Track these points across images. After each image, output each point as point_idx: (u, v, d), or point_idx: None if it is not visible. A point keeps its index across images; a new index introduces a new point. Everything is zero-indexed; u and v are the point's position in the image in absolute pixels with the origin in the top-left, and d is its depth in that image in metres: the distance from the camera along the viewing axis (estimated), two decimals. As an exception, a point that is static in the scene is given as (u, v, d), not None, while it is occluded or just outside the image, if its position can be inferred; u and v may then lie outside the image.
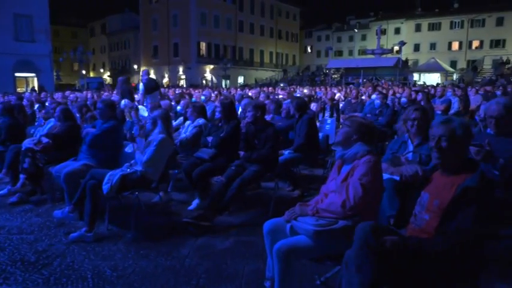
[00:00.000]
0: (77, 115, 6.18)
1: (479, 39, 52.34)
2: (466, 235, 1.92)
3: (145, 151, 4.01)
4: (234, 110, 5.01)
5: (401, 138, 3.68)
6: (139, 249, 3.59)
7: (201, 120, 5.47)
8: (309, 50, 68.19)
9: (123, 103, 8.38)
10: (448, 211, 2.01)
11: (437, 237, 2.01)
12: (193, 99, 11.25)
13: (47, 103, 9.77)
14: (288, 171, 5.32)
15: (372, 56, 41.50)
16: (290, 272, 2.39)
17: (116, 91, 12.00)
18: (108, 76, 59.72)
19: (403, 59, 40.85)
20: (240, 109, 7.60)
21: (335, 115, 9.22)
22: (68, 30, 65.83)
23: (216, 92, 13.66)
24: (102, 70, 63.95)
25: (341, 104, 10.64)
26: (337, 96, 12.95)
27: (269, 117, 6.28)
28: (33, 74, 31.88)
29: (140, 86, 10.31)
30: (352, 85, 29.77)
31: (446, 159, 2.13)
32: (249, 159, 4.39)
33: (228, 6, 51.78)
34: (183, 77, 49.26)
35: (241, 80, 52.73)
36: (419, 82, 36.82)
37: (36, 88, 28.51)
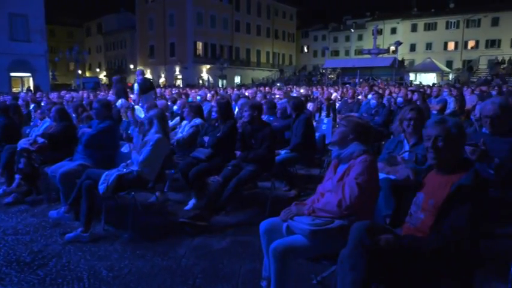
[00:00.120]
0: (73, 115, 6.16)
1: (474, 39, 52.58)
2: (461, 233, 1.93)
3: (141, 151, 4.00)
4: (231, 110, 5.02)
5: (397, 137, 3.69)
6: (135, 249, 3.58)
7: (198, 120, 5.47)
8: (306, 50, 68.27)
9: (119, 103, 8.36)
10: (443, 210, 2.02)
11: (431, 235, 2.02)
12: (189, 99, 11.23)
13: (43, 103, 9.73)
14: (285, 171, 5.32)
15: (368, 56, 41.63)
16: (286, 272, 2.40)
17: (112, 91, 11.98)
18: (104, 76, 59.57)
19: (399, 59, 40.99)
20: (237, 109, 7.60)
21: (331, 115, 9.26)
22: (64, 29, 65.57)
23: (213, 92, 13.64)
24: (98, 70, 63.74)
25: (337, 104, 10.67)
26: (333, 96, 12.99)
27: (265, 118, 6.27)
28: (28, 74, 31.75)
29: (135, 87, 10.28)
30: (348, 85, 29.81)
31: (442, 159, 2.14)
32: (246, 159, 4.39)
33: (225, 6, 51.76)
34: (180, 77, 49.20)
35: (237, 80, 52.73)
36: (415, 82, 36.93)
37: (31, 88, 28.39)
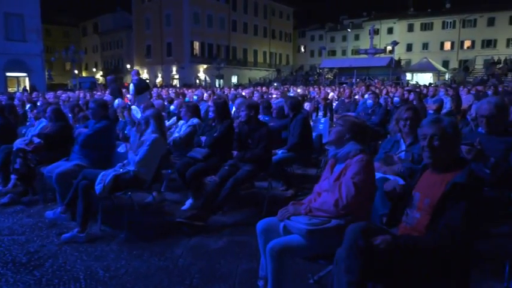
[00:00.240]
0: (69, 115, 6.14)
1: (471, 39, 52.81)
2: (456, 232, 1.93)
3: (138, 151, 3.99)
4: (228, 110, 5.01)
5: (393, 137, 3.71)
6: (132, 249, 3.57)
7: (195, 120, 5.46)
8: (303, 50, 68.31)
9: (116, 103, 8.34)
10: (438, 208, 2.03)
11: (427, 235, 2.03)
12: (186, 99, 11.22)
13: (39, 103, 9.69)
14: (282, 170, 5.32)
15: (365, 56, 41.73)
16: (283, 271, 2.40)
17: (108, 91, 11.96)
18: (100, 76, 59.33)
19: (396, 59, 41.11)
20: (234, 108, 7.60)
21: (328, 114, 9.26)
22: (60, 29, 65.30)
23: (210, 92, 13.63)
24: (94, 70, 63.53)
25: (334, 104, 10.67)
26: (330, 95, 13.00)
27: (260, 117, 6.27)
28: (24, 74, 31.58)
29: (130, 87, 10.25)
30: (345, 85, 29.89)
31: (438, 158, 2.15)
32: (243, 158, 4.39)
33: (222, 5, 51.71)
34: (177, 77, 49.11)
35: (234, 80, 52.69)
36: (412, 82, 37.04)
37: (27, 88, 28.26)
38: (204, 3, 49.12)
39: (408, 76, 41.06)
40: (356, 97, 11.52)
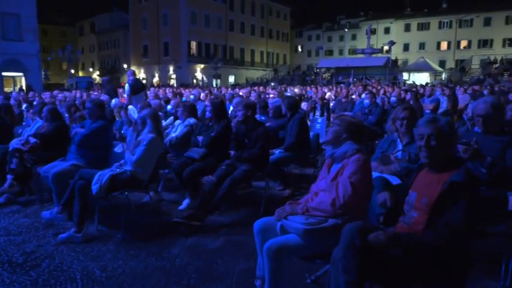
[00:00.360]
0: (66, 115, 6.12)
1: (467, 39, 53.02)
2: (457, 231, 1.94)
3: (135, 151, 3.98)
4: (225, 110, 5.01)
5: (390, 137, 3.71)
6: (129, 249, 3.56)
7: (192, 119, 5.45)
8: (300, 50, 68.36)
9: (113, 102, 8.32)
10: (436, 208, 2.04)
11: (427, 233, 2.03)
12: (183, 98, 11.20)
13: (35, 103, 9.64)
14: (279, 170, 5.33)
15: (362, 56, 41.81)
16: (280, 271, 2.40)
17: (102, 90, 11.95)
18: (97, 76, 59.16)
19: (393, 59, 41.19)
20: (231, 108, 7.60)
21: (325, 114, 9.28)
22: (56, 29, 65.06)
23: (207, 92, 13.62)
24: (91, 69, 63.33)
25: (331, 103, 10.69)
26: (327, 95, 13.02)
27: (257, 117, 6.27)
28: (20, 74, 31.43)
29: (126, 87, 10.23)
30: (342, 84, 29.92)
31: (435, 157, 2.15)
32: (240, 158, 4.39)
33: (219, 5, 51.67)
34: (174, 77, 49.03)
35: (232, 80, 52.68)
36: (408, 81, 37.12)
37: (24, 88, 28.13)
38: (201, 3, 49.06)
39: (405, 76, 41.13)
40: (353, 97, 11.55)
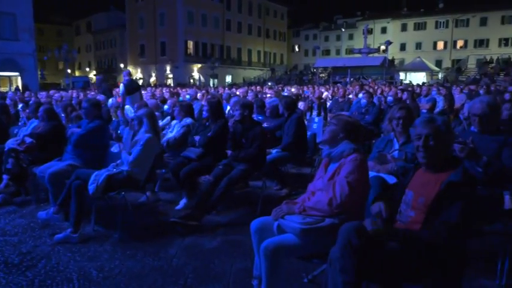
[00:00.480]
0: (62, 115, 6.09)
1: (463, 38, 53.20)
2: (453, 229, 1.94)
3: (131, 151, 3.97)
4: (221, 109, 5.00)
5: (387, 136, 3.72)
6: (126, 249, 3.56)
7: (189, 119, 5.44)
8: (297, 49, 68.35)
9: (110, 102, 8.29)
10: (433, 207, 2.04)
11: (424, 231, 2.04)
12: (180, 98, 11.18)
13: (31, 102, 9.59)
14: (276, 170, 5.32)
15: (359, 55, 41.81)
16: (277, 270, 2.40)
17: (97, 90, 11.91)
18: (94, 75, 58.93)
19: (390, 58, 41.26)
20: (228, 108, 7.59)
21: (322, 114, 9.28)
22: (53, 28, 64.78)
23: (204, 91, 13.59)
24: (88, 69, 63.08)
25: (328, 103, 10.70)
26: (324, 95, 13.01)
27: (254, 116, 6.27)
28: (16, 73, 31.25)
29: (121, 87, 10.21)
30: (339, 84, 29.96)
31: (432, 157, 2.16)
32: (237, 158, 4.39)
33: (216, 5, 51.58)
34: (171, 76, 48.93)
35: (229, 79, 52.62)
36: (405, 81, 37.20)
37: (20, 87, 28.00)
38: (198, 2, 48.96)
39: (402, 75, 41.21)
40: (350, 96, 11.55)
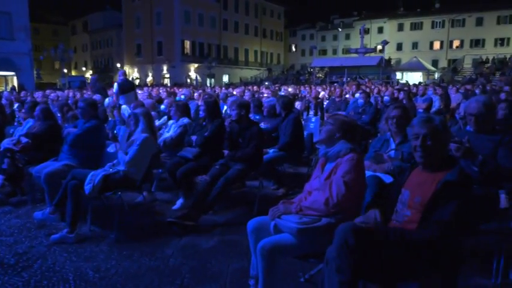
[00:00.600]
0: (58, 114, 6.06)
1: (459, 38, 53.41)
2: (446, 227, 1.95)
3: (128, 150, 3.96)
4: (218, 109, 4.99)
5: (383, 136, 3.73)
6: (122, 249, 3.55)
7: (185, 119, 5.43)
8: (294, 49, 68.39)
9: (106, 102, 8.26)
10: (430, 206, 2.05)
11: (419, 229, 2.05)
12: (177, 98, 11.16)
13: (27, 102, 9.54)
14: (273, 169, 5.33)
15: (356, 55, 41.88)
16: (274, 270, 2.40)
17: (91, 90, 11.87)
18: (90, 75, 58.73)
19: (386, 58, 41.36)
20: (225, 107, 7.59)
21: (319, 113, 9.30)
22: (49, 28, 64.48)
23: (200, 91, 13.58)
24: (84, 69, 62.85)
25: (325, 103, 10.72)
26: (321, 94, 13.06)
27: (251, 116, 6.27)
28: (12, 73, 31.09)
29: (115, 86, 10.18)
30: (336, 84, 30.01)
31: (430, 157, 2.17)
32: (233, 158, 4.38)
33: (212, 4, 51.52)
34: (167, 76, 48.84)
35: (226, 79, 52.59)
36: (401, 81, 37.30)
37: (15, 87, 27.85)
38: (195, 2, 48.87)
39: (398, 75, 41.32)
40: (347, 96, 11.58)
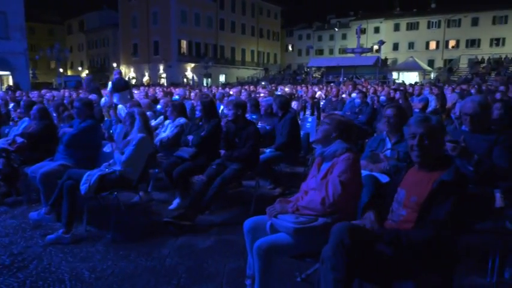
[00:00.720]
0: (54, 114, 6.03)
1: (455, 38, 53.63)
2: (441, 226, 1.96)
3: (124, 150, 3.95)
4: (215, 109, 4.99)
5: (379, 135, 3.74)
6: (118, 250, 3.54)
7: (182, 119, 5.42)
8: (290, 49, 68.43)
9: (103, 101, 8.25)
10: (426, 206, 2.06)
11: (415, 229, 2.05)
12: (174, 97, 11.14)
13: (23, 101, 9.49)
14: (269, 169, 5.33)
15: (352, 55, 41.97)
16: (270, 270, 2.40)
17: (85, 90, 11.83)
18: (86, 75, 58.52)
19: (383, 58, 41.46)
20: (222, 107, 7.58)
21: (316, 113, 9.30)
22: (44, 27, 64.17)
23: (197, 91, 13.56)
24: (80, 68, 62.61)
25: (322, 102, 10.72)
26: (318, 94, 13.04)
27: (248, 116, 6.26)
28: (7, 72, 30.95)
29: (109, 84, 10.16)
30: (332, 83, 30.04)
31: (426, 156, 2.18)
32: (230, 157, 4.38)
33: (209, 4, 51.44)
34: (164, 76, 48.73)
35: (222, 79, 52.53)
36: (398, 81, 37.40)
37: (11, 86, 27.72)
38: (192, 1, 48.78)
39: (394, 75, 41.43)
40: (343, 96, 11.58)
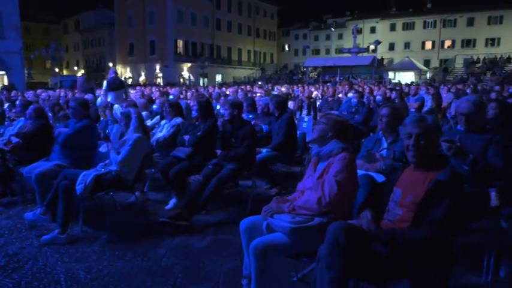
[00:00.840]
0: (49, 114, 6.01)
1: (451, 38, 53.92)
2: (438, 226, 1.97)
3: (120, 150, 3.94)
4: (211, 109, 4.99)
5: (375, 135, 3.75)
6: (114, 250, 3.52)
7: (179, 119, 5.41)
8: (287, 49, 68.53)
9: (99, 101, 8.22)
10: (422, 205, 2.07)
11: (411, 229, 2.06)
12: (170, 97, 11.13)
13: (17, 102, 9.44)
14: (266, 169, 5.32)
15: (348, 55, 42.05)
16: (267, 269, 2.40)
17: (78, 90, 11.78)
18: (82, 74, 58.29)
19: (379, 58, 41.58)
20: (218, 107, 7.58)
21: (312, 113, 9.33)
22: (40, 26, 63.90)
23: (193, 90, 13.54)
24: (76, 68, 62.37)
25: (318, 102, 10.75)
26: (314, 94, 13.09)
27: (244, 115, 6.26)
28: (2, 72, 30.82)
29: (104, 83, 10.13)
30: (329, 83, 30.10)
31: (422, 156, 2.19)
32: (226, 157, 4.38)
33: (205, 3, 51.39)
34: (160, 75, 48.63)
35: (219, 79, 52.51)
36: (394, 80, 37.52)
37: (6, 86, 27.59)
38: (188, 1, 48.71)
39: (390, 75, 41.58)
40: (340, 96, 11.61)
